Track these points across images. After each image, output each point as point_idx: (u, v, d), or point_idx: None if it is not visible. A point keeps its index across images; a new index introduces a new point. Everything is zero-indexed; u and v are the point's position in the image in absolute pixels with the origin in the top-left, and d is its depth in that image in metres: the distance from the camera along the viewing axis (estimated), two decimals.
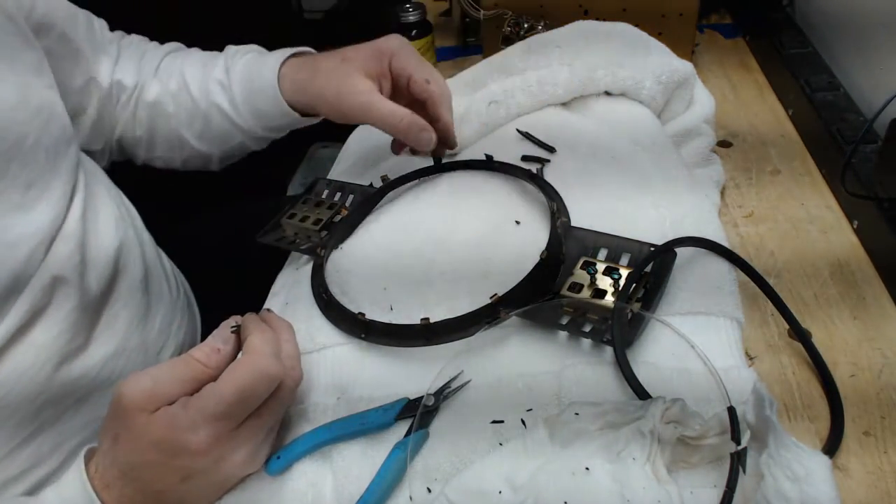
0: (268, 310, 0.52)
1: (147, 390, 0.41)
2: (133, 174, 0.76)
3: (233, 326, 0.46)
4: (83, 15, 0.70)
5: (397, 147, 0.68)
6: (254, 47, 0.73)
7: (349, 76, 0.61)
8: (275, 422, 0.46)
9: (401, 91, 0.63)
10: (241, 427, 0.42)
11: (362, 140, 0.81)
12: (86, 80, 0.68)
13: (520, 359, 0.50)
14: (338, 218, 0.66)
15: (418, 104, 0.62)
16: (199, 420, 0.40)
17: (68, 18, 0.66)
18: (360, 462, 0.46)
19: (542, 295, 0.52)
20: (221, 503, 0.46)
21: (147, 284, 0.65)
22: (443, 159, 0.67)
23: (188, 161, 0.76)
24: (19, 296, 0.50)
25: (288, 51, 0.68)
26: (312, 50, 0.70)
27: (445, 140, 0.64)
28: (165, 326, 0.67)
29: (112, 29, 0.75)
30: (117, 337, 0.59)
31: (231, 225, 0.84)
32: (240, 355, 0.44)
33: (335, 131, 0.83)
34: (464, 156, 0.69)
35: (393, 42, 0.63)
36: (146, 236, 0.70)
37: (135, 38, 0.77)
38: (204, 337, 0.50)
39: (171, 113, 0.72)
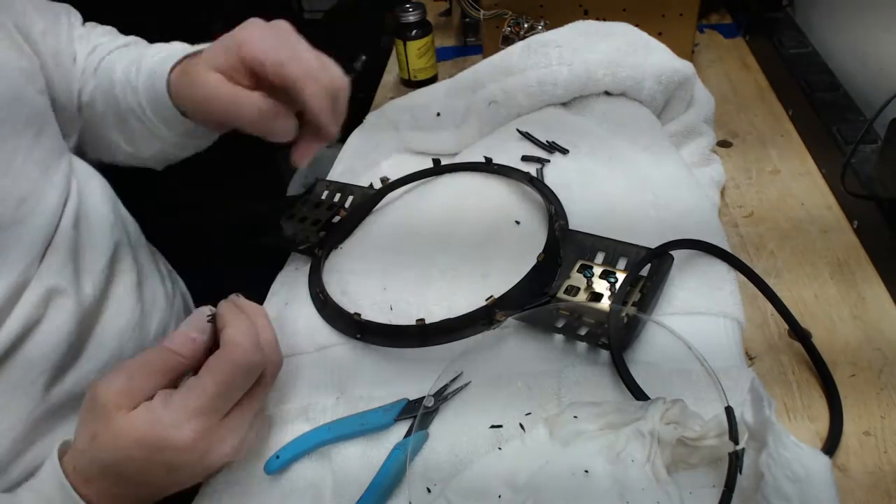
0: (237, 294, 0.49)
1: (122, 387, 0.41)
2: (132, 175, 0.76)
3: (208, 315, 0.45)
4: (64, 13, 0.68)
5: (297, 156, 0.56)
6: (169, 46, 0.66)
7: (199, 75, 0.53)
8: (259, 409, 0.45)
9: (265, 86, 0.52)
10: (225, 419, 0.42)
11: (362, 141, 0.81)
12: (70, 83, 0.66)
13: (518, 360, 0.50)
14: (336, 219, 0.66)
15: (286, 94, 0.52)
16: (183, 416, 0.40)
17: (53, 20, 0.65)
18: (359, 462, 0.46)
19: (538, 297, 0.52)
20: (221, 503, 0.46)
21: (141, 290, 0.64)
22: (442, 161, 0.67)
23: (127, 162, 0.71)
24: (12, 311, 0.50)
25: (179, 53, 0.60)
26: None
27: (317, 129, 0.53)
28: (161, 332, 0.66)
29: (113, 24, 0.73)
30: (111, 346, 0.58)
31: (231, 225, 0.84)
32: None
33: None
34: (464, 156, 0.69)
35: (244, 32, 0.52)
36: (140, 239, 0.69)
37: (101, 30, 0.73)
38: None
39: (101, 112, 0.67)
